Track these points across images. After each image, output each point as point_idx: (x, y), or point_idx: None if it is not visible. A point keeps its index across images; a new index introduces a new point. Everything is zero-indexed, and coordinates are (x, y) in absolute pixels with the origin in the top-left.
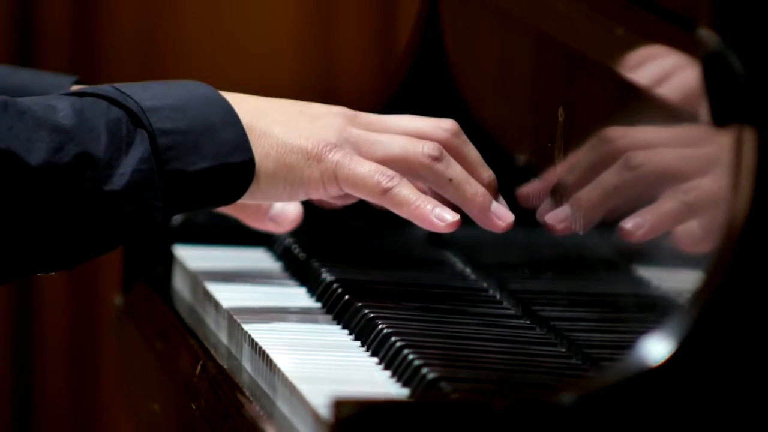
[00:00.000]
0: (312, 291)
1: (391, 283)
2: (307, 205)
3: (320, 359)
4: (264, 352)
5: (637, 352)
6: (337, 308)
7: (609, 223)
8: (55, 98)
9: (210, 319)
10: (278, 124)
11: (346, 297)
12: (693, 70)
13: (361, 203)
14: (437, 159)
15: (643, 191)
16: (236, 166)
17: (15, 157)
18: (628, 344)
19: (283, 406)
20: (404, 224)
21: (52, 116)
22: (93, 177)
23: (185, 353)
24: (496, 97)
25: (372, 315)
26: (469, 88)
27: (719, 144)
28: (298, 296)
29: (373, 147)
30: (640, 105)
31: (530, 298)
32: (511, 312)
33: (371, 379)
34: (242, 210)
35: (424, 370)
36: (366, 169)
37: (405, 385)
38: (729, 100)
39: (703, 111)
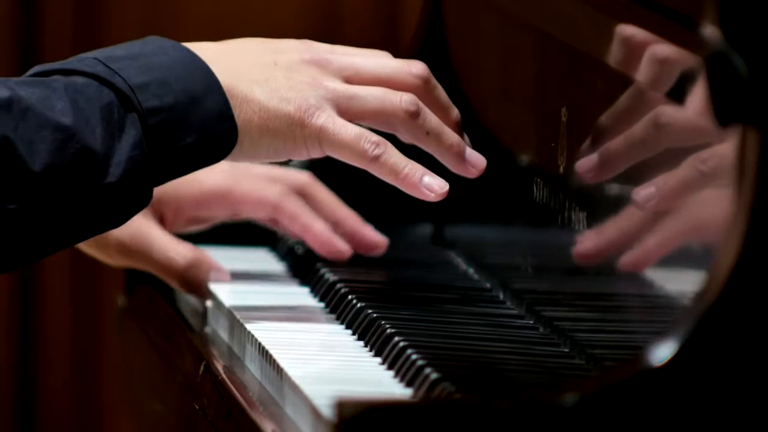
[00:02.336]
0: (315, 291)
1: (395, 283)
2: None
3: (323, 359)
4: (267, 352)
5: (640, 353)
6: (340, 308)
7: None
8: (49, 84)
9: (213, 320)
10: (257, 85)
11: (350, 297)
12: (696, 69)
13: (363, 206)
14: (415, 114)
15: (665, 152)
16: (221, 136)
17: (20, 160)
18: (631, 344)
19: (286, 406)
20: (407, 224)
21: (51, 113)
22: (91, 172)
23: (188, 353)
24: (499, 97)
25: (375, 315)
26: (473, 87)
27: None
28: (301, 296)
29: (350, 103)
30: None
31: (533, 298)
32: (515, 312)
33: (374, 379)
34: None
35: (428, 370)
36: (351, 135)
37: (408, 385)
38: (732, 100)
39: (707, 111)
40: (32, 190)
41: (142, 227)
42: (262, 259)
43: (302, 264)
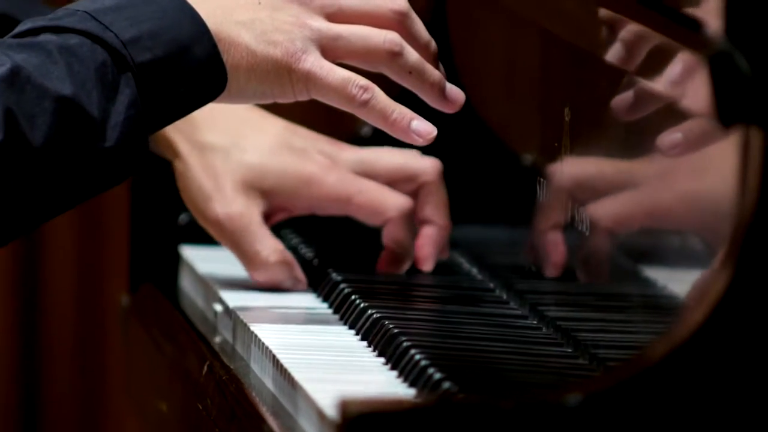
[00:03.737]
0: (318, 291)
1: (398, 284)
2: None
3: (327, 359)
4: (271, 352)
5: (644, 353)
6: (344, 308)
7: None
8: (43, 47)
9: (217, 319)
10: (244, 28)
11: (353, 297)
12: (700, 69)
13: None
14: (398, 54)
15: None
16: (210, 82)
17: (22, 137)
18: (635, 345)
19: (289, 406)
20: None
21: (49, 81)
22: (89, 139)
23: (192, 353)
24: (502, 96)
25: (378, 315)
26: (475, 86)
27: None
28: (305, 297)
29: (335, 43)
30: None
31: (537, 299)
32: (518, 312)
33: (378, 379)
34: None
35: (431, 370)
36: (339, 79)
37: (411, 385)
38: (735, 99)
39: (710, 110)
40: (32, 164)
41: (244, 212)
42: None
43: (306, 264)
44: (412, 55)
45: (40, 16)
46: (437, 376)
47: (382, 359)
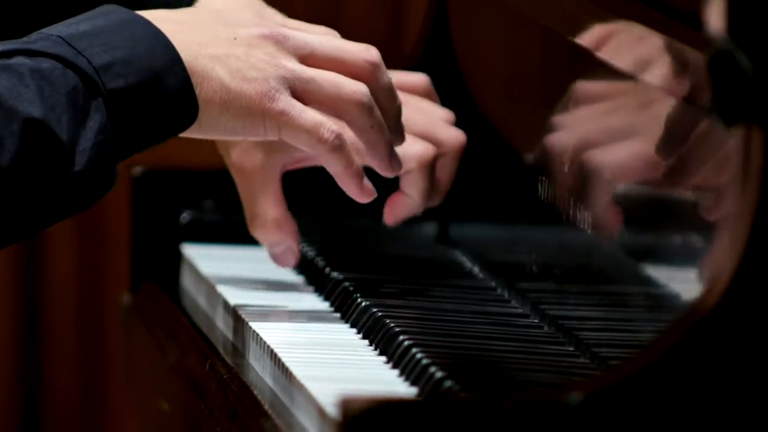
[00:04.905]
0: (320, 289)
1: (399, 282)
2: (314, 206)
3: (328, 358)
4: (272, 350)
5: (645, 351)
6: (345, 307)
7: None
8: (15, 69)
9: (218, 318)
10: (219, 62)
11: (354, 295)
12: (701, 68)
13: (368, 204)
14: (365, 107)
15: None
16: (181, 115)
17: None
18: (636, 343)
19: (291, 405)
20: (412, 223)
21: (19, 104)
22: (57, 162)
23: (193, 352)
24: (504, 95)
25: (380, 314)
26: (478, 85)
27: None
28: (305, 295)
29: (306, 86)
30: (648, 103)
31: (538, 297)
32: (519, 311)
33: (379, 377)
34: None
35: (432, 368)
36: (311, 121)
37: (413, 383)
38: (737, 99)
39: (711, 109)
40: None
41: (260, 165)
42: (267, 258)
43: (307, 262)
44: (376, 110)
45: (12, 40)
46: (439, 374)
47: (383, 358)
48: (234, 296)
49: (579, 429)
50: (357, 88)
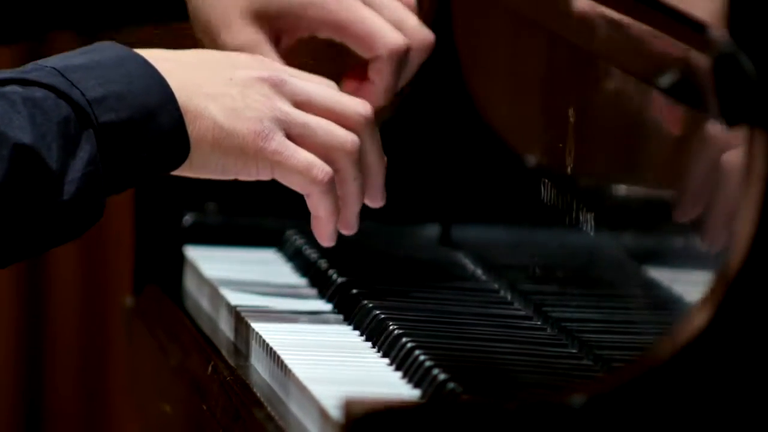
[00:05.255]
0: (323, 292)
1: (402, 284)
2: None
3: (331, 360)
4: (275, 352)
5: (648, 354)
6: (348, 309)
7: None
8: (8, 97)
9: (221, 320)
10: (212, 101)
11: (357, 298)
12: (704, 70)
13: (372, 208)
14: (354, 158)
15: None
16: (173, 152)
17: None
18: (639, 345)
19: (293, 406)
20: (415, 225)
21: (10, 129)
22: (46, 190)
23: (196, 354)
24: (506, 97)
25: (383, 316)
26: (480, 87)
27: None
28: (308, 297)
29: (300, 130)
30: (651, 106)
31: (541, 299)
32: (522, 313)
33: (382, 379)
34: None
35: (436, 370)
36: (304, 162)
37: (416, 386)
38: (740, 102)
39: (715, 112)
40: None
41: (252, 40)
42: (270, 260)
43: (310, 265)
44: (363, 164)
45: (7, 69)
46: (442, 376)
47: (386, 360)
48: (237, 298)
49: (582, 431)
50: (349, 138)
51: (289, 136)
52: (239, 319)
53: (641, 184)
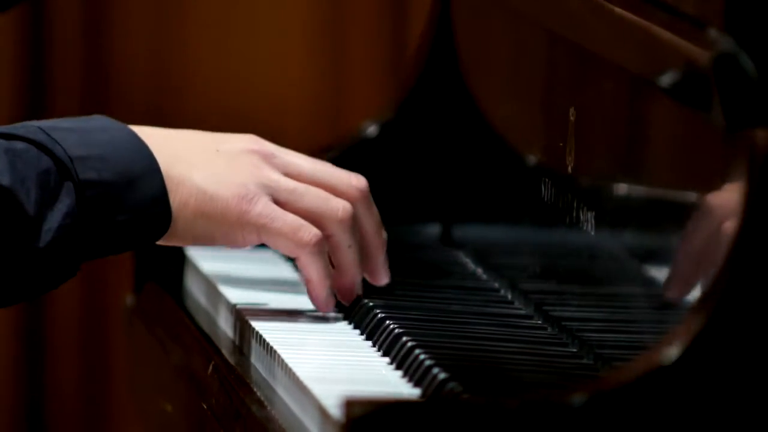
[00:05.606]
0: None
1: (403, 283)
2: None
3: (331, 359)
4: (275, 351)
5: (649, 353)
6: (349, 308)
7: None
8: None
9: (221, 319)
10: (197, 169)
11: (358, 297)
12: (705, 69)
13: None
14: (348, 224)
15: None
16: (154, 220)
17: None
18: (640, 344)
19: (294, 406)
20: (415, 224)
21: None
22: (22, 234)
23: (196, 353)
24: (507, 97)
25: (383, 315)
26: (481, 87)
27: None
28: (308, 296)
29: (290, 196)
30: (651, 105)
31: (542, 298)
32: (523, 312)
33: (382, 379)
34: None
35: (436, 370)
36: (291, 224)
37: (416, 385)
38: (741, 102)
39: (715, 112)
40: None
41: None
42: (269, 260)
43: None
44: (356, 231)
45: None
46: (442, 375)
47: (386, 359)
48: (237, 296)
49: (582, 430)
50: (341, 204)
51: (277, 202)
52: (240, 317)
53: (641, 183)
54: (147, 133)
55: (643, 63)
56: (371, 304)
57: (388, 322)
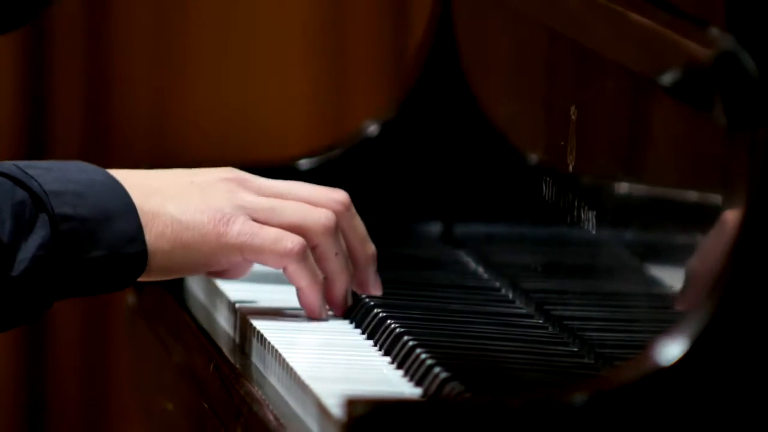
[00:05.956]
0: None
1: (404, 282)
2: None
3: (332, 358)
4: (276, 351)
5: (650, 352)
6: (350, 307)
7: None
8: None
9: (222, 318)
10: (170, 201)
11: (359, 296)
12: (706, 69)
13: (372, 205)
14: (331, 232)
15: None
16: (129, 257)
17: None
18: (641, 344)
19: (295, 405)
20: (417, 223)
21: None
22: None
23: (197, 352)
24: (508, 96)
25: (384, 314)
26: (482, 86)
27: None
28: None
29: (269, 213)
30: (652, 104)
31: (543, 298)
32: (524, 311)
33: (384, 378)
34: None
35: (437, 369)
36: (272, 235)
37: (417, 384)
38: (742, 101)
39: (717, 111)
40: None
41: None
42: None
43: None
44: (341, 239)
45: None
46: (443, 375)
47: (387, 358)
48: (238, 297)
49: (583, 430)
50: (323, 212)
51: (256, 221)
52: (240, 317)
53: (642, 182)
54: (123, 176)
55: (644, 62)
56: (372, 303)
57: (389, 321)
